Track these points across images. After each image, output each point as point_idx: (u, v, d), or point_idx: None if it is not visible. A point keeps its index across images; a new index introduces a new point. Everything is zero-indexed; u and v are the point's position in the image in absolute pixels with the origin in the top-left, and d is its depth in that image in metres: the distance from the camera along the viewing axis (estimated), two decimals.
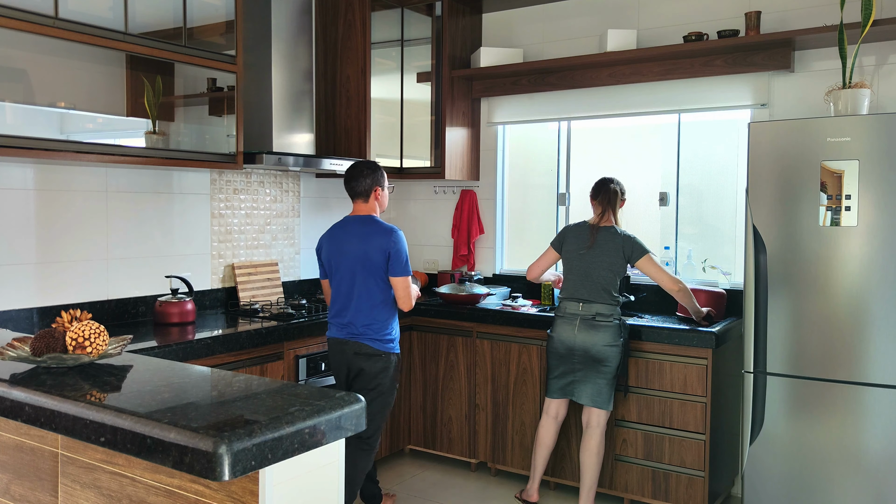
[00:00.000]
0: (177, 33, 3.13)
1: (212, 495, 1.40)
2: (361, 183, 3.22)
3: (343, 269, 3.19)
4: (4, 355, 1.75)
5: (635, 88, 4.10)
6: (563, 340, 3.40)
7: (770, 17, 3.69)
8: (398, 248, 3.14)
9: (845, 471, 3.03)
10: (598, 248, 3.39)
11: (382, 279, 3.15)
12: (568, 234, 3.51)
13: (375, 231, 3.16)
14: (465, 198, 4.65)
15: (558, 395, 3.47)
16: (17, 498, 1.74)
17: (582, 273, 3.41)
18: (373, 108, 4.25)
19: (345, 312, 3.19)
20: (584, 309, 3.37)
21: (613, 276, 3.38)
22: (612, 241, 3.38)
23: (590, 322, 3.35)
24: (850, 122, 2.99)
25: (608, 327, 3.33)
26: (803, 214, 3.07)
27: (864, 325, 2.97)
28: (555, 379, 3.47)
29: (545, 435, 3.53)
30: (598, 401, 3.37)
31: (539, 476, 3.57)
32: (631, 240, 3.38)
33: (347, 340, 3.19)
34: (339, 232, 3.23)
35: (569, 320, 3.40)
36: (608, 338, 3.33)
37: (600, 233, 3.41)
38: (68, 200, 3.15)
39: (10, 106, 2.68)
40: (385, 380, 3.20)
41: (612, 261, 3.37)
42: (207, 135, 3.45)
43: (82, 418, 1.44)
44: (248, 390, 1.61)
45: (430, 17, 4.45)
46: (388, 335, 3.21)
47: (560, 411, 3.52)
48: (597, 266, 3.38)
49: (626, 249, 3.36)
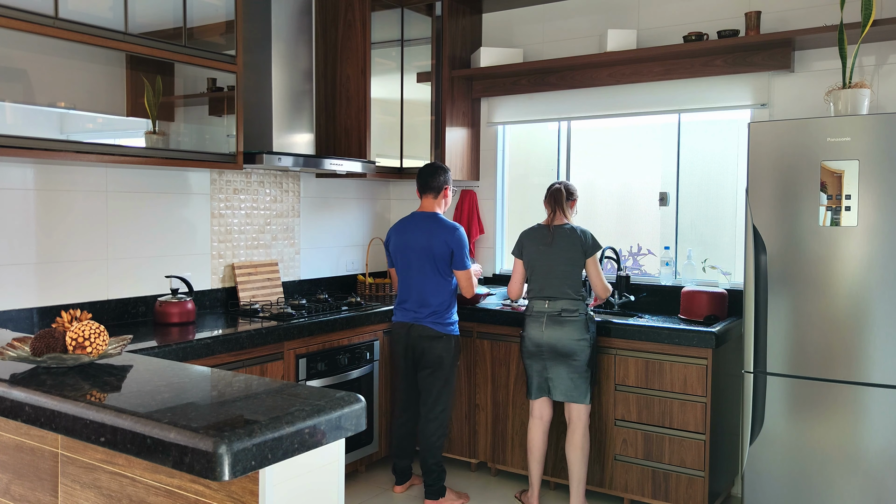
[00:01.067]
0: (177, 33, 3.13)
1: (212, 495, 1.40)
2: (437, 180, 3.62)
3: (410, 260, 3.58)
4: (4, 355, 1.75)
5: (635, 88, 4.10)
6: (532, 338, 3.46)
7: (770, 17, 3.69)
8: (460, 243, 3.54)
9: (845, 471, 3.03)
10: (556, 245, 3.46)
11: (445, 270, 3.55)
12: (525, 239, 3.58)
13: (440, 227, 3.56)
14: (466, 198, 4.65)
15: (537, 395, 3.53)
16: (17, 498, 1.74)
17: (544, 271, 3.47)
18: (373, 108, 4.25)
19: (410, 299, 3.58)
20: (549, 306, 3.43)
21: (575, 270, 3.44)
22: (570, 237, 3.45)
23: (556, 318, 3.41)
24: (850, 122, 2.99)
25: (574, 322, 3.38)
26: (803, 214, 3.07)
27: (865, 325, 2.97)
28: (531, 379, 3.52)
29: (534, 437, 3.56)
30: (574, 395, 3.42)
31: (538, 483, 3.59)
32: (587, 234, 3.47)
33: (413, 324, 3.57)
34: (406, 226, 3.62)
35: (536, 318, 3.46)
36: (575, 332, 3.37)
37: (556, 230, 3.48)
38: (68, 200, 3.15)
39: (10, 106, 2.68)
40: (447, 358, 3.56)
41: (571, 255, 3.43)
42: (207, 135, 3.45)
43: (82, 418, 1.44)
44: (248, 390, 1.61)
45: (430, 17, 4.45)
46: (448, 319, 3.58)
47: (544, 412, 3.55)
48: (557, 262, 3.44)
49: (584, 243, 3.43)
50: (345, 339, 3.71)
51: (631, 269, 4.21)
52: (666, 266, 4.02)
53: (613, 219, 4.37)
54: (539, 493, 3.61)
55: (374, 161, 4.15)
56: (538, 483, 3.59)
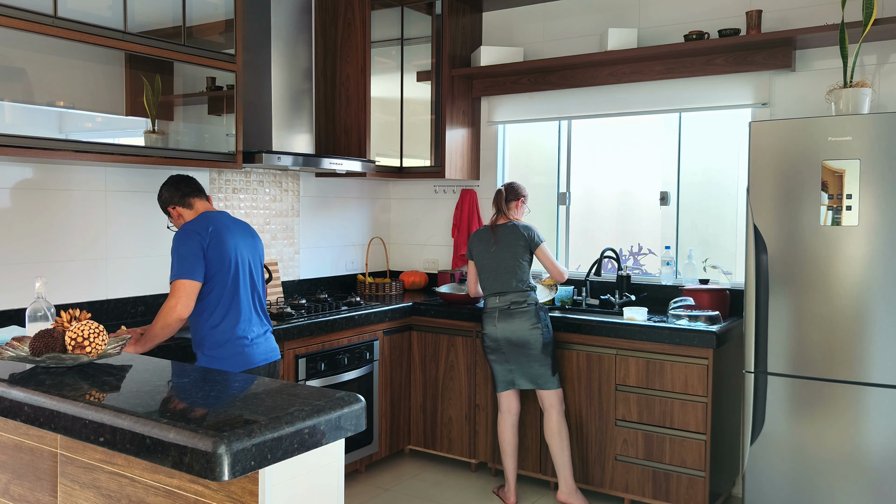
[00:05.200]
0: (176, 32, 3.12)
1: (211, 495, 1.39)
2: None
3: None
4: (3, 355, 1.74)
5: (636, 87, 4.09)
6: (489, 334, 3.57)
7: (771, 16, 3.68)
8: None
9: (846, 471, 3.03)
10: (501, 243, 3.59)
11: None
12: (473, 241, 3.72)
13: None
14: (466, 197, 4.64)
15: (503, 388, 3.61)
16: (17, 498, 1.73)
17: (492, 268, 3.59)
18: (373, 108, 4.25)
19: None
20: (500, 301, 3.55)
21: (520, 263, 3.56)
22: (513, 233, 3.58)
23: (506, 311, 3.52)
24: (852, 122, 2.98)
25: (524, 312, 3.49)
26: (804, 214, 3.06)
27: (865, 324, 2.96)
28: (496, 374, 3.60)
29: (504, 431, 3.64)
30: (539, 382, 3.52)
31: (513, 477, 3.65)
32: (529, 228, 3.60)
33: None
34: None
35: (489, 314, 3.58)
36: (526, 322, 3.48)
37: (499, 230, 3.61)
38: (68, 200, 3.14)
39: (9, 105, 2.67)
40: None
41: (515, 250, 3.55)
42: (207, 134, 3.44)
43: (81, 418, 1.43)
44: (247, 390, 1.60)
45: (431, 15, 4.45)
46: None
47: (512, 405, 3.63)
48: (503, 258, 3.56)
49: (527, 237, 3.57)
50: (345, 339, 3.71)
51: (631, 269, 4.20)
52: (667, 266, 4.01)
53: (614, 218, 4.37)
54: (516, 487, 3.65)
55: (373, 160, 4.14)
56: (514, 477, 3.65)
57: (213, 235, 2.71)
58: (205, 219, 2.77)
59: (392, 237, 5.01)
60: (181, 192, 2.82)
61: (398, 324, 4.08)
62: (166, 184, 2.85)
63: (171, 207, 2.83)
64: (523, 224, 3.62)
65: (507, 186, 3.71)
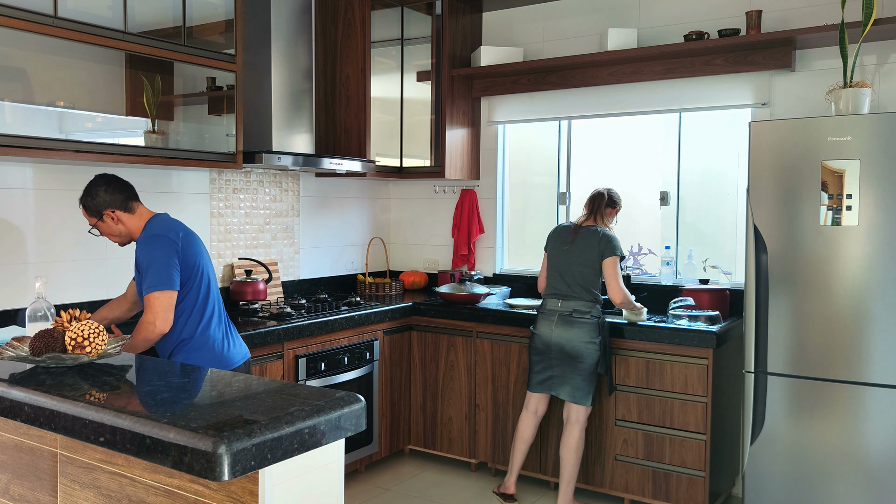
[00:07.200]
0: (176, 32, 3.12)
1: (211, 495, 1.39)
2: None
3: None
4: (3, 355, 1.74)
5: (636, 88, 4.09)
6: (541, 336, 3.46)
7: (771, 16, 3.68)
8: None
9: (846, 471, 3.03)
10: (577, 246, 3.45)
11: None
12: (552, 234, 3.61)
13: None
14: (466, 197, 4.64)
15: (538, 390, 3.53)
16: (17, 498, 1.73)
17: (561, 269, 3.48)
18: (373, 108, 4.25)
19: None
20: (562, 305, 3.43)
21: (592, 273, 3.42)
22: (593, 238, 3.43)
23: (567, 318, 3.40)
24: (851, 122, 2.98)
25: (585, 324, 3.38)
26: (804, 214, 3.06)
27: (865, 324, 2.96)
28: (535, 374, 3.52)
29: (524, 429, 3.58)
30: (577, 396, 3.42)
31: (517, 469, 3.61)
32: (608, 237, 3.43)
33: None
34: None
35: (547, 316, 3.46)
36: (584, 335, 3.37)
37: (581, 231, 3.48)
38: (67, 200, 3.14)
39: (9, 105, 2.67)
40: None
41: (590, 257, 3.42)
42: (207, 134, 3.44)
43: (81, 418, 1.43)
44: (247, 390, 1.60)
45: (430, 15, 4.45)
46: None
47: (539, 407, 3.57)
48: (575, 263, 3.44)
49: (601, 245, 3.41)
50: (345, 339, 3.71)
51: (631, 269, 4.20)
52: (667, 266, 4.01)
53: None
54: (516, 480, 3.62)
55: (373, 160, 4.14)
56: (518, 468, 3.60)
57: (184, 240, 2.59)
58: (167, 222, 2.64)
59: (392, 237, 5.01)
60: (124, 195, 2.61)
61: (398, 324, 4.08)
62: (101, 185, 2.59)
63: (111, 211, 2.59)
64: (609, 233, 3.45)
65: (609, 192, 3.56)
